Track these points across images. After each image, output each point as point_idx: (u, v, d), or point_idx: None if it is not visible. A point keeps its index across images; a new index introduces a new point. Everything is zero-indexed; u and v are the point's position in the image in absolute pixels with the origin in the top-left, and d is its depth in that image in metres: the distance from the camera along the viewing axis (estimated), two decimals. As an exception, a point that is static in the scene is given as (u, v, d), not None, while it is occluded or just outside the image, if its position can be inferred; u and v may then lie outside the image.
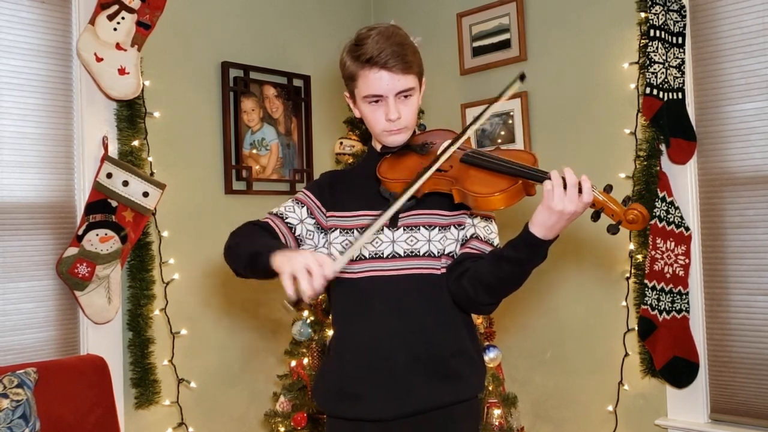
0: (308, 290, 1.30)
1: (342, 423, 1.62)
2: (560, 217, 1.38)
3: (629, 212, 1.36)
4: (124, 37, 2.70)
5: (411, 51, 1.60)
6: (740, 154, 2.63)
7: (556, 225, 1.40)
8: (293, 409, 2.72)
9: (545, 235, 1.42)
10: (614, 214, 1.38)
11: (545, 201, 1.39)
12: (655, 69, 2.68)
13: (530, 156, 1.52)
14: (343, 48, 1.64)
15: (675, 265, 2.68)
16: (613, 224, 1.38)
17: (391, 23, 1.65)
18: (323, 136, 3.54)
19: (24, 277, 2.57)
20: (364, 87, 1.59)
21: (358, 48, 1.57)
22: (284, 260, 1.36)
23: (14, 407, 2.19)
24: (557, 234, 1.43)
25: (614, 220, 1.38)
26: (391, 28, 1.61)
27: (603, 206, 1.38)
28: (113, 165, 2.69)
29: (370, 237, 1.45)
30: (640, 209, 1.36)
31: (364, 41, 1.57)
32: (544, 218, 1.40)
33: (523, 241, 1.45)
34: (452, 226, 1.63)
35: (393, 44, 1.56)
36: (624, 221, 1.37)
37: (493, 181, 1.47)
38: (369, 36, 1.57)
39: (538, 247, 1.44)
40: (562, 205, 1.37)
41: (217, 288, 3.12)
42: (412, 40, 1.65)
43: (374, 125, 1.63)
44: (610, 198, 1.38)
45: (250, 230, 1.60)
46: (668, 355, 2.66)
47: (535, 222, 1.42)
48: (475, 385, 1.64)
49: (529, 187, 1.46)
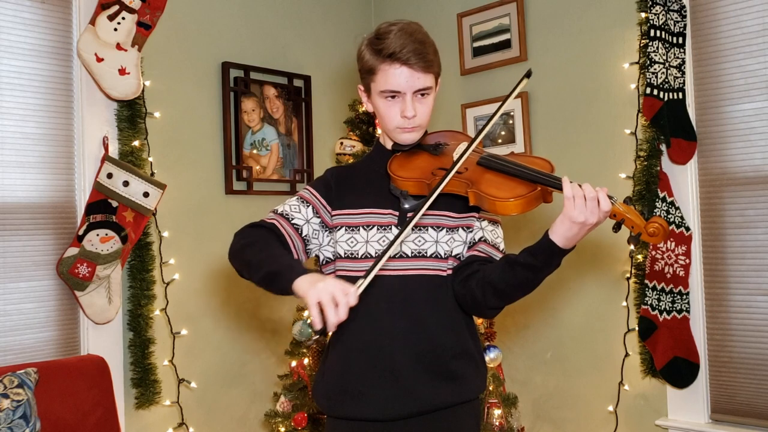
0: (334, 320, 1.29)
1: (343, 423, 1.62)
2: (582, 227, 1.40)
3: (650, 225, 1.38)
4: (125, 37, 2.71)
5: (432, 50, 1.59)
6: (741, 154, 2.63)
7: (578, 235, 1.41)
8: (294, 410, 2.72)
9: (565, 245, 1.43)
10: (635, 227, 1.40)
11: (567, 212, 1.40)
12: (656, 69, 2.68)
13: (547, 163, 1.52)
14: (362, 41, 1.62)
15: (675, 265, 2.67)
16: (633, 236, 1.40)
17: (413, 22, 1.63)
18: (324, 136, 3.54)
19: (24, 278, 2.57)
20: (382, 81, 1.57)
21: (380, 42, 1.55)
22: (308, 287, 1.33)
23: (15, 407, 2.19)
24: (575, 244, 1.44)
25: (634, 232, 1.40)
26: (413, 25, 1.59)
27: (624, 217, 1.40)
28: (114, 165, 2.69)
29: (394, 250, 1.43)
30: (661, 222, 1.37)
31: (386, 35, 1.55)
32: (566, 229, 1.41)
33: (542, 249, 1.45)
34: (460, 228, 1.62)
35: (415, 41, 1.54)
36: (645, 234, 1.39)
37: (511, 185, 1.47)
38: (391, 31, 1.55)
39: (556, 256, 1.45)
40: (584, 217, 1.38)
41: (217, 288, 3.12)
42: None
43: (388, 121, 1.62)
44: (630, 210, 1.40)
45: (258, 235, 1.57)
46: (669, 355, 2.66)
47: (556, 231, 1.43)
48: (477, 386, 1.64)
49: (546, 194, 1.47)
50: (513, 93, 1.59)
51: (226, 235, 1.62)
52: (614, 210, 1.40)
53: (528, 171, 1.47)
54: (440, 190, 1.48)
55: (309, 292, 1.32)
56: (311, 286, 1.33)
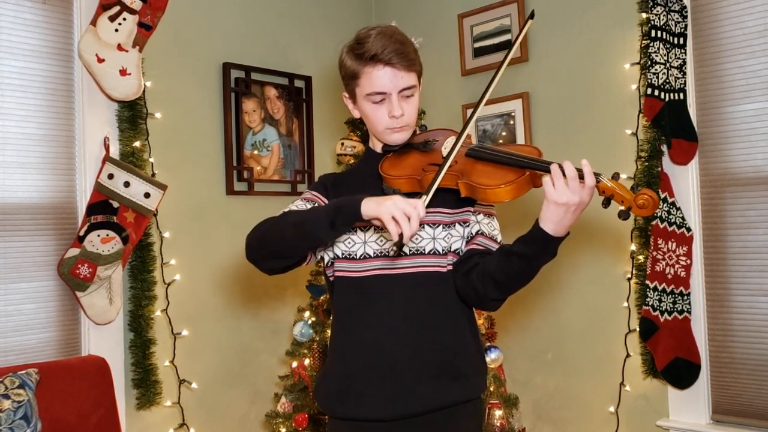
0: (409, 232, 1.34)
1: (344, 424, 1.62)
2: (567, 209, 1.39)
3: (639, 197, 1.37)
4: (126, 38, 2.71)
5: (412, 49, 1.62)
6: (742, 154, 2.62)
7: (565, 218, 1.40)
8: (294, 410, 2.72)
9: (556, 231, 1.42)
10: (624, 201, 1.38)
11: (548, 195, 1.39)
12: (657, 69, 2.68)
13: (535, 149, 1.53)
14: (342, 49, 1.64)
15: (676, 265, 2.67)
16: (624, 210, 1.39)
17: (391, 24, 1.66)
18: (324, 136, 3.54)
19: (25, 278, 2.57)
20: (367, 84, 1.59)
21: (361, 46, 1.58)
22: (377, 207, 1.38)
23: (16, 408, 2.19)
24: (568, 229, 1.43)
25: (624, 206, 1.39)
26: (391, 27, 1.62)
27: (612, 193, 1.39)
28: (115, 166, 2.69)
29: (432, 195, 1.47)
30: (650, 194, 1.36)
31: (365, 39, 1.58)
32: (551, 212, 1.40)
33: (533, 237, 1.45)
34: (457, 224, 1.63)
35: (395, 42, 1.57)
36: (634, 206, 1.38)
37: (500, 173, 1.48)
38: (370, 35, 1.58)
39: (548, 243, 1.44)
40: (565, 197, 1.37)
41: (218, 289, 3.12)
42: (414, 41, 1.66)
43: (376, 124, 1.64)
44: (618, 185, 1.39)
45: (274, 219, 1.58)
46: (670, 356, 2.66)
47: (544, 218, 1.42)
48: (479, 385, 1.65)
49: (536, 179, 1.47)
50: (519, 38, 1.63)
51: (227, 236, 1.62)
52: (602, 186, 1.39)
53: (515, 157, 1.48)
54: (440, 179, 1.50)
55: (381, 210, 1.36)
56: (379, 206, 1.37)
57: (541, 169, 1.44)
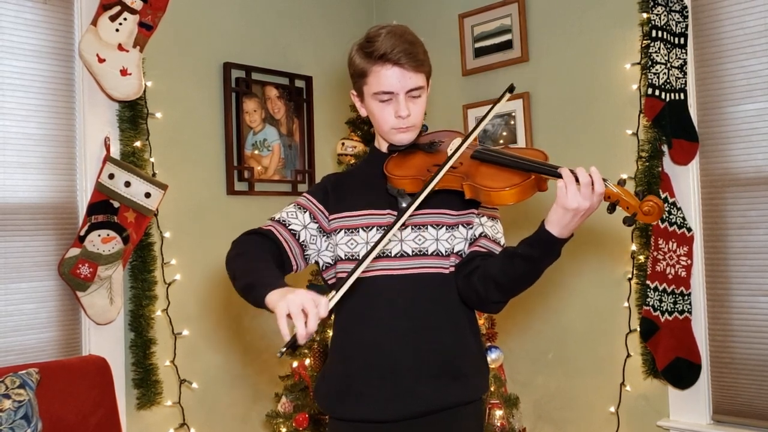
0: (303, 331, 1.24)
1: (345, 424, 1.61)
2: (575, 214, 1.39)
3: (644, 204, 1.37)
4: (126, 38, 2.71)
5: (422, 50, 1.61)
6: (742, 155, 2.62)
7: (572, 222, 1.41)
8: (295, 410, 2.72)
9: (561, 233, 1.43)
10: (629, 207, 1.39)
11: (560, 200, 1.39)
12: (657, 70, 2.68)
13: (540, 153, 1.53)
14: (352, 46, 1.64)
15: (677, 266, 2.67)
16: (629, 216, 1.40)
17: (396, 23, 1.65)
18: (325, 136, 3.54)
19: (26, 278, 2.57)
20: (375, 83, 1.59)
21: (370, 45, 1.57)
22: (278, 299, 1.30)
23: (16, 408, 2.19)
24: (572, 232, 1.44)
25: (629, 213, 1.40)
26: (401, 27, 1.61)
27: (618, 199, 1.40)
28: (115, 166, 2.69)
29: (377, 252, 1.40)
30: (656, 201, 1.37)
31: (375, 38, 1.57)
32: (560, 216, 1.41)
33: (538, 239, 1.45)
34: (460, 225, 1.63)
35: (405, 42, 1.57)
36: (639, 213, 1.38)
37: (505, 176, 1.48)
38: (380, 34, 1.58)
39: (554, 245, 1.44)
40: (576, 203, 1.38)
41: (219, 289, 3.12)
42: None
43: (382, 123, 1.63)
44: (624, 191, 1.40)
45: (251, 243, 1.55)
46: (670, 356, 2.66)
47: (551, 220, 1.43)
48: (480, 386, 1.64)
49: (541, 183, 1.47)
50: (493, 109, 1.60)
51: (227, 236, 1.62)
52: (608, 192, 1.40)
53: (521, 160, 1.48)
54: (434, 184, 1.48)
55: (278, 304, 1.29)
56: (281, 298, 1.29)
57: (546, 173, 1.44)
